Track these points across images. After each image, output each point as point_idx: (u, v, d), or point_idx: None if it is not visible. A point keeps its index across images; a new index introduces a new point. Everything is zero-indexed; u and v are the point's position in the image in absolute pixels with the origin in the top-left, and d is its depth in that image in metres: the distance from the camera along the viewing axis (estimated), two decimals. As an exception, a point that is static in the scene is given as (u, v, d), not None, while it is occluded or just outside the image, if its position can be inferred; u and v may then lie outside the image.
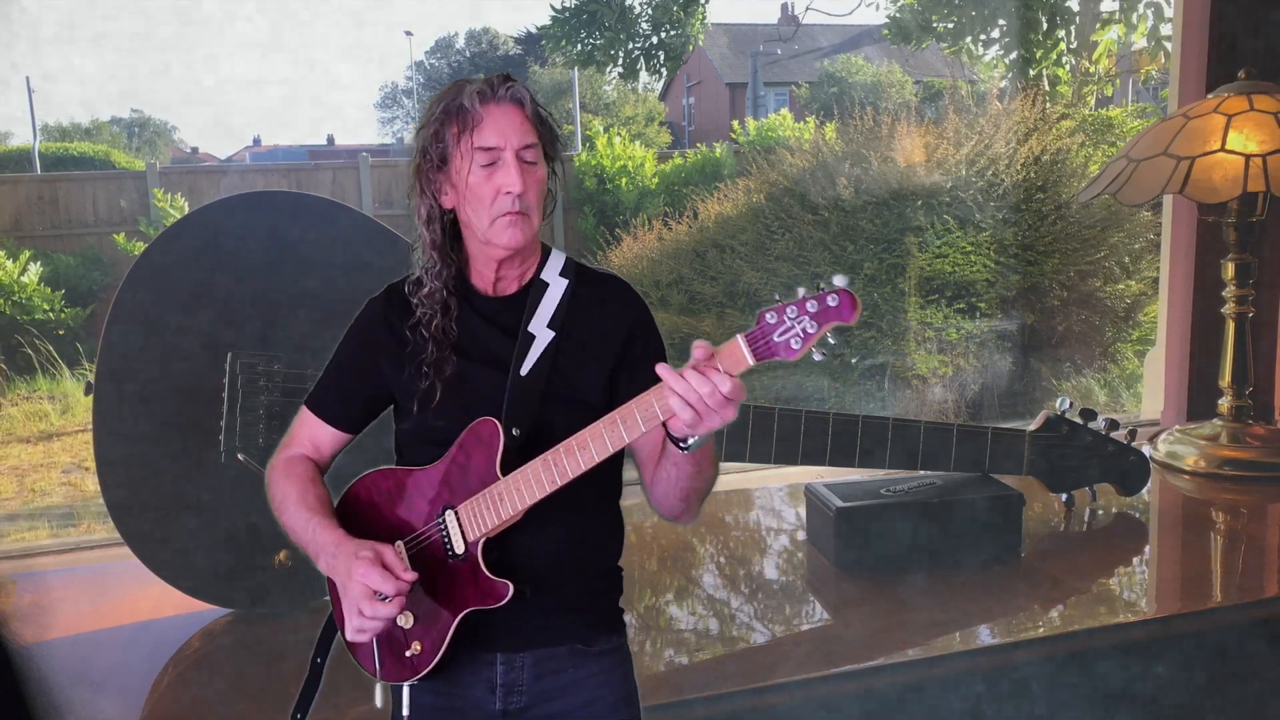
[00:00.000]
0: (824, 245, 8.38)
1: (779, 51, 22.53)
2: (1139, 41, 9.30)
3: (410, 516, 1.51)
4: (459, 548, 1.47)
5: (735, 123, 15.38)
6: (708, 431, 1.35)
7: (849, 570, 3.17)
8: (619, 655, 1.60)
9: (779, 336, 1.30)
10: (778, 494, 4.06)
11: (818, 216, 8.50)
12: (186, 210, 8.72)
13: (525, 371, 1.50)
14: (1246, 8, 4.39)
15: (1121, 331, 8.27)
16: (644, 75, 10.29)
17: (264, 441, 2.76)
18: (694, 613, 3.09)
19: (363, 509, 1.54)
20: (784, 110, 16.72)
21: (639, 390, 1.38)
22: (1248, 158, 3.68)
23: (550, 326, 1.52)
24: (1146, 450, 3.87)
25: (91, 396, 2.78)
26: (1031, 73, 9.31)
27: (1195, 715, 2.77)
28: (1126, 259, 8.25)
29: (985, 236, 8.12)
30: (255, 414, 2.77)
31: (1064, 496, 3.52)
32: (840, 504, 3.16)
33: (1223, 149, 3.72)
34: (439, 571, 1.47)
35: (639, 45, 9.96)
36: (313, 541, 1.49)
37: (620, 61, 9.97)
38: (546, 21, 9.80)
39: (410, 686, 1.53)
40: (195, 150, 24.86)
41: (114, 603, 3.09)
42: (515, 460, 1.45)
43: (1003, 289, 8.04)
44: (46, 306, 9.13)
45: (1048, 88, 9.33)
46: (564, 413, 1.48)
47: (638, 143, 13.01)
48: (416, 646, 1.49)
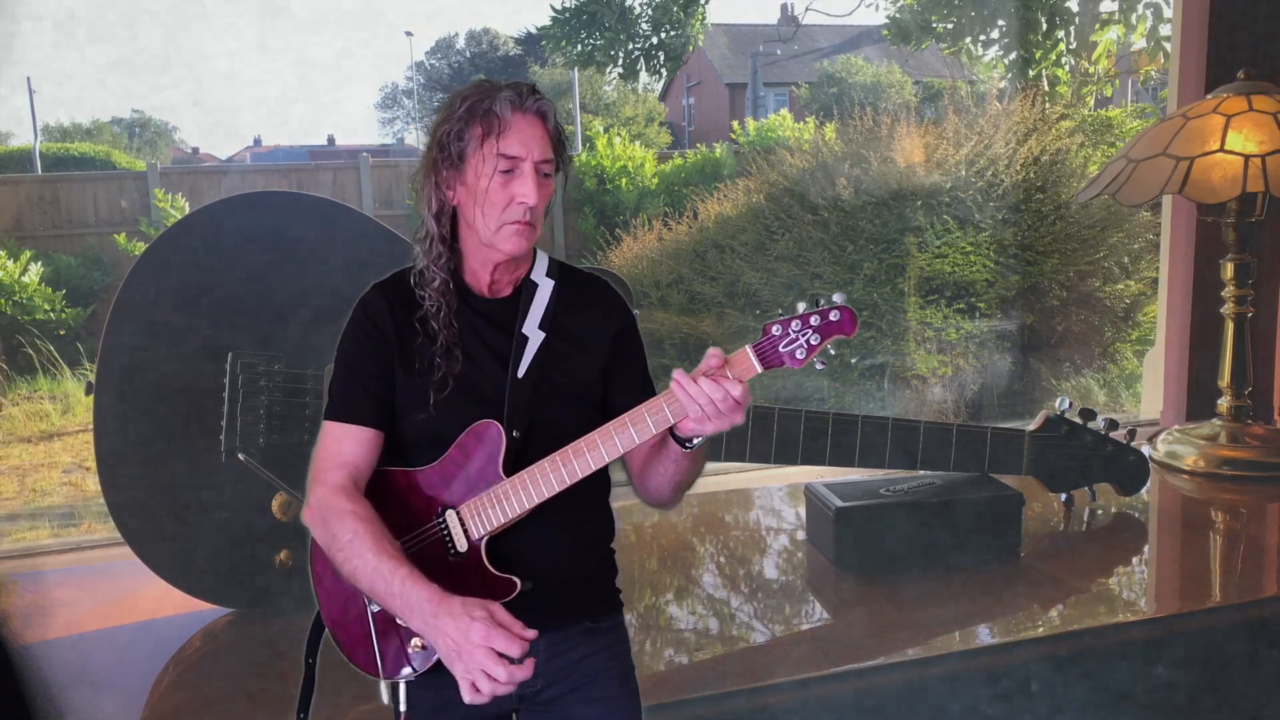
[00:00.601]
0: (824, 245, 8.37)
1: (779, 52, 22.52)
2: (1138, 42, 9.32)
3: (408, 516, 1.52)
4: (461, 546, 1.48)
5: (735, 123, 15.36)
6: (714, 433, 1.42)
7: (849, 570, 3.18)
8: (620, 632, 1.66)
9: (784, 347, 1.41)
10: (778, 494, 4.06)
11: (817, 217, 8.50)
12: (187, 210, 8.69)
13: (522, 373, 1.52)
14: (1246, 8, 4.39)
15: (1121, 331, 8.26)
16: (644, 76, 10.32)
17: (264, 441, 2.77)
18: (694, 612, 3.10)
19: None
20: (784, 111, 16.71)
21: (630, 385, 1.42)
22: (1247, 158, 3.68)
23: (541, 327, 1.54)
24: (1146, 450, 3.87)
25: (92, 396, 2.78)
26: (1031, 73, 9.32)
27: (1195, 715, 2.77)
28: (1126, 259, 8.25)
29: (985, 237, 8.11)
30: (255, 414, 2.77)
31: (1063, 496, 3.53)
32: (840, 504, 3.17)
33: (1222, 149, 3.72)
34: (440, 570, 1.47)
35: (639, 46, 9.97)
36: (398, 595, 1.39)
37: (620, 62, 9.98)
38: (547, 22, 9.81)
39: (407, 683, 1.54)
40: (196, 150, 24.87)
41: (114, 603, 3.09)
42: (514, 460, 1.48)
43: (1002, 289, 8.04)
44: (47, 307, 9.12)
45: (1047, 88, 9.34)
46: (560, 411, 1.52)
47: (638, 143, 12.98)
48: (417, 643, 1.49)
